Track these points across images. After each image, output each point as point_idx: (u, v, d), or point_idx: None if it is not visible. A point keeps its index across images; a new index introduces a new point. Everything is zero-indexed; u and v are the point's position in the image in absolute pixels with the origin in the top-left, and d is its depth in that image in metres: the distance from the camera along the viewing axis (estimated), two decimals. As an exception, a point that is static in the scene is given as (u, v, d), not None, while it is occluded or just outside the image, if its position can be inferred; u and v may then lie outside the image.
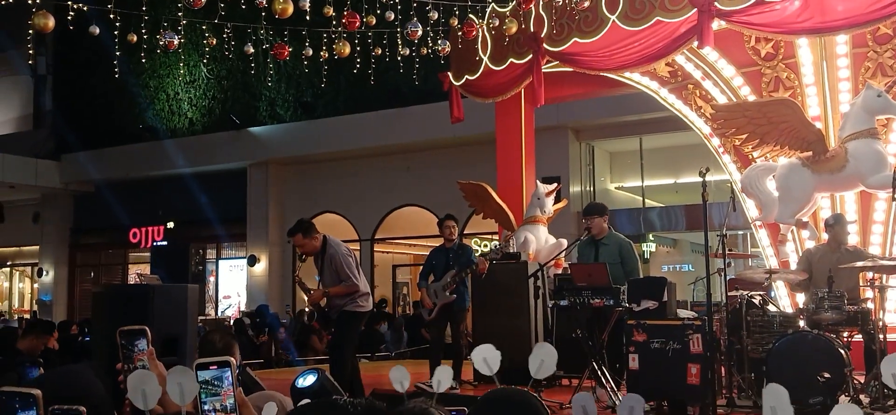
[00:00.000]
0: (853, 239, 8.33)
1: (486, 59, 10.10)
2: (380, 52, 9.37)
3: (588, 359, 6.92)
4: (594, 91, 12.05)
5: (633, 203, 16.28)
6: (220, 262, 21.57)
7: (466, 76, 10.38)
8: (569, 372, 8.17)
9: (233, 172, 19.48)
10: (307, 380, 5.32)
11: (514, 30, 9.49)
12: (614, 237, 8.04)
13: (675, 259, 17.56)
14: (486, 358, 3.93)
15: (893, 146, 8.38)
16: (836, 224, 7.65)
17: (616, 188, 16.77)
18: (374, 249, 18.11)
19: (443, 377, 3.13)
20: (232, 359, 1.88)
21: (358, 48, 9.22)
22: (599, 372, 6.80)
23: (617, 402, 6.39)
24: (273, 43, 9.14)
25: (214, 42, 9.18)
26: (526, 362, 3.00)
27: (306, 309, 8.17)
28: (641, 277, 8.09)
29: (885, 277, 7.55)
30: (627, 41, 8.92)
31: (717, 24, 8.21)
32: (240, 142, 19.09)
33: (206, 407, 1.76)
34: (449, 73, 10.63)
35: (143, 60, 20.41)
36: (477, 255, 8.40)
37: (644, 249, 16.01)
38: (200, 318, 17.89)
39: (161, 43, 7.78)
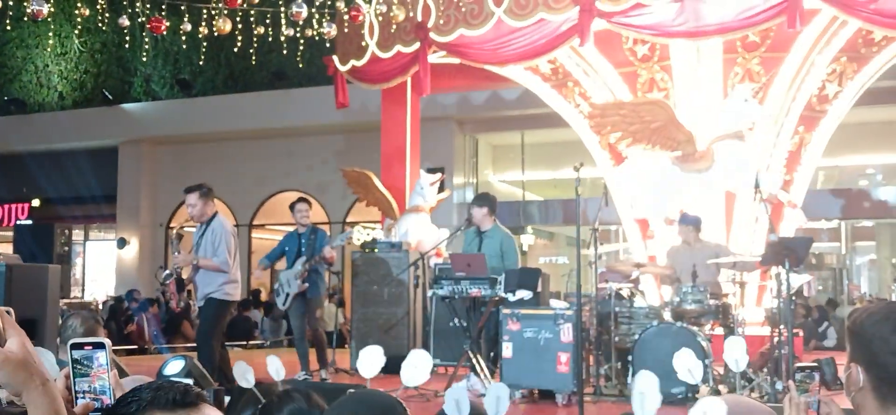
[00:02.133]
0: (718, 236, 8.76)
1: (372, 45, 10.02)
2: (263, 31, 9.13)
3: (465, 347, 6.98)
4: (479, 84, 12.20)
5: (513, 196, 16.56)
6: (89, 243, 20.58)
7: (352, 61, 10.27)
8: (445, 360, 8.23)
9: (104, 149, 18.57)
10: (174, 367, 5.11)
11: (401, 18, 9.48)
12: (497, 230, 8.13)
13: (552, 252, 18.00)
14: (369, 361, 3.89)
15: (757, 149, 8.85)
16: (684, 223, 7.99)
17: (498, 181, 17.02)
18: (252, 235, 17.69)
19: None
20: (107, 341, 1.77)
21: (240, 26, 8.96)
22: (474, 360, 6.87)
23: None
24: (149, 16, 8.73)
25: (87, 12, 8.71)
26: (403, 351, 2.99)
27: (162, 268, 7.76)
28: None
29: (745, 272, 7.98)
30: (512, 36, 9.07)
31: (597, 25, 8.45)
32: (112, 118, 18.21)
33: (76, 389, 1.66)
34: (334, 58, 10.49)
35: (10, 29, 19.24)
36: (336, 243, 8.16)
37: (523, 241, 16.32)
38: (65, 301, 17.00)
39: (29, 11, 7.27)
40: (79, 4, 8.56)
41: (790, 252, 6.33)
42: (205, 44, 9.70)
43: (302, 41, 9.18)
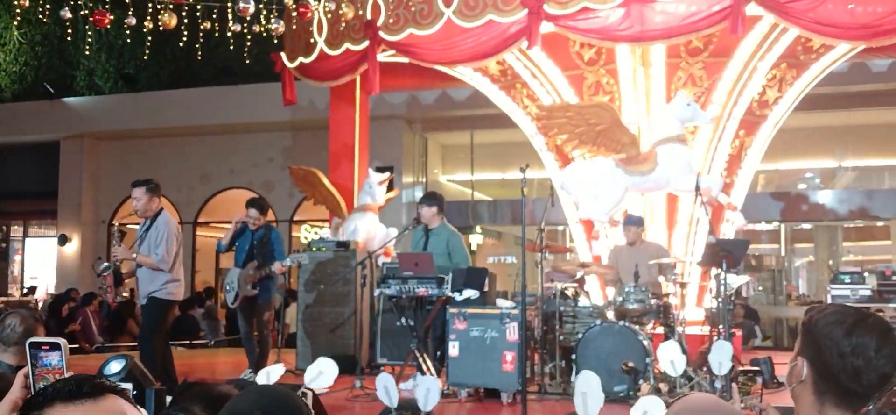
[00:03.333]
0: (660, 237, 8.94)
1: (321, 42, 9.96)
2: (209, 26, 9.01)
3: (411, 347, 7.00)
4: (429, 83, 12.23)
5: (462, 196, 16.62)
6: (28, 240, 20.04)
7: (300, 58, 10.20)
8: (392, 359, 8.25)
9: (44, 144, 18.09)
10: (115, 367, 5.03)
11: (350, 15, 9.48)
12: (444, 228, 8.16)
13: (500, 251, 18.12)
14: (322, 370, 3.87)
15: (699, 152, 9.05)
16: (630, 224, 8.16)
17: (447, 181, 17.07)
18: (197, 232, 17.43)
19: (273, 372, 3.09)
20: (62, 341, 1.77)
21: (185, 21, 8.83)
22: (420, 359, 6.90)
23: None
24: (93, 9, 8.56)
25: (27, 3, 8.49)
26: (350, 351, 3.00)
27: (100, 259, 7.60)
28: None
29: (686, 273, 8.17)
30: (461, 37, 9.11)
31: (545, 28, 8.55)
32: (53, 112, 17.75)
33: (36, 389, 1.67)
34: (282, 54, 10.41)
35: (-56, 18, 18.63)
36: (288, 262, 8.05)
37: (471, 240, 16.40)
38: (2, 299, 16.53)
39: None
40: (19, -6, 8.32)
41: (727, 254, 6.50)
42: (150, 38, 9.53)
43: (249, 37, 9.08)
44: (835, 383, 1.93)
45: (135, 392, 4.49)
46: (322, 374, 3.08)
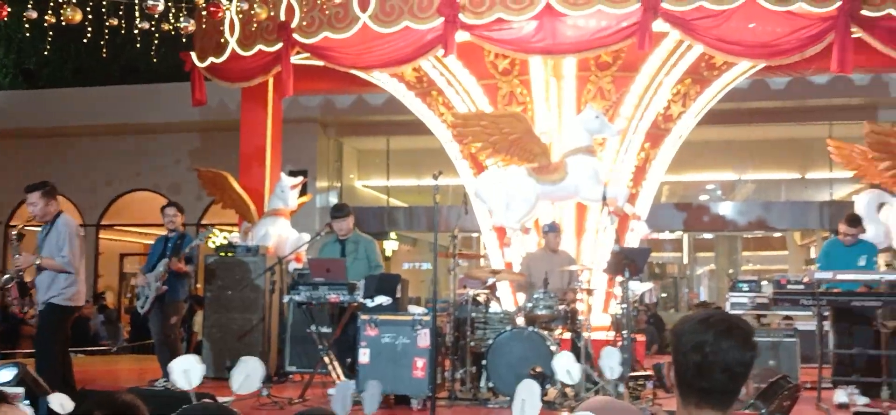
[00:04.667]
0: (569, 246, 9.13)
1: (233, 42, 9.77)
2: (116, 23, 8.73)
3: (321, 354, 6.94)
4: (344, 87, 12.15)
5: (378, 201, 16.58)
6: (-85, 242, 18.92)
7: (211, 58, 9.98)
8: (302, 367, 8.16)
9: (-64, 140, 17.16)
10: (6, 375, 4.81)
11: (263, 16, 9.30)
12: (359, 237, 8.12)
13: (415, 257, 18.17)
14: (249, 374, 3.79)
15: (606, 163, 9.28)
16: (550, 231, 8.33)
17: (362, 186, 17.00)
18: (100, 235, 16.82)
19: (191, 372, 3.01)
20: None
21: (90, 16, 8.52)
22: (331, 367, 6.84)
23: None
24: (-10, 0, 8.17)
25: (-84, -11, 8.03)
26: (256, 356, 2.95)
27: (1, 272, 7.26)
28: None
29: (593, 280, 8.35)
30: (377, 42, 9.09)
31: (460, 36, 8.62)
32: (-54, 107, 16.86)
33: None
34: (192, 54, 10.16)
35: None
36: (195, 244, 7.94)
37: (386, 247, 16.38)
38: None
39: None
40: None
41: (630, 262, 6.69)
42: (51, 33, 9.16)
43: (157, 36, 8.83)
44: (686, 382, 2.02)
45: (28, 401, 4.32)
46: (249, 377, 3.03)
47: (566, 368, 5.61)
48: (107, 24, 8.66)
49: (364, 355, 6.59)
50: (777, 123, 13.80)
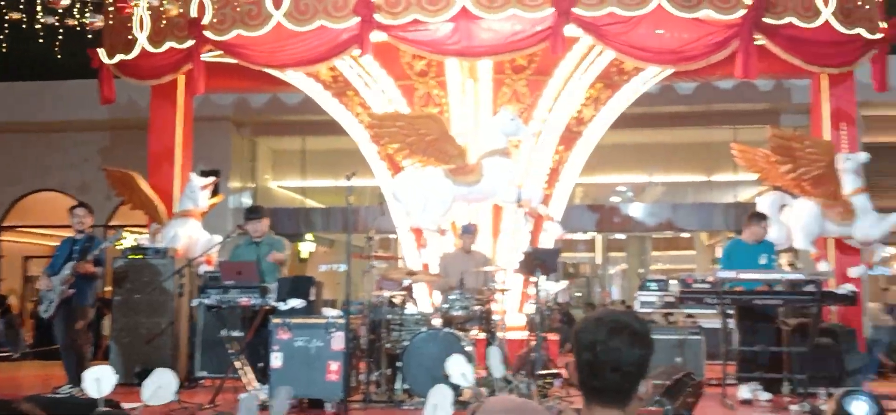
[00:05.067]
0: (486, 246, 9.21)
1: (142, 39, 9.48)
2: (17, 17, 8.37)
3: (232, 358, 6.80)
4: (259, 86, 11.92)
5: (293, 202, 16.37)
6: None
7: (120, 55, 9.67)
8: (213, 372, 7.98)
9: None
10: None
11: (174, 13, 9.08)
12: (275, 239, 7.99)
13: (332, 259, 17.99)
14: (162, 385, 3.65)
15: (521, 165, 9.39)
16: (466, 232, 8.38)
17: (277, 187, 16.74)
18: (3, 237, 16.09)
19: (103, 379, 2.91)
20: None
21: (-11, 9, 8.15)
22: (242, 371, 6.71)
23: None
24: None
25: None
26: (167, 363, 2.87)
27: None
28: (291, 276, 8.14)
29: (508, 281, 8.46)
30: (291, 41, 8.98)
31: (376, 36, 8.59)
32: None
33: None
34: (100, 50, 9.82)
35: None
36: (104, 246, 7.69)
37: (302, 248, 16.18)
38: None
39: None
40: None
41: (541, 262, 6.79)
42: (-55, 25, 8.71)
43: (61, 31, 8.51)
44: (584, 382, 2.06)
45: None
46: (161, 388, 2.93)
47: (461, 371, 5.71)
48: (7, 16, 8.30)
49: (276, 359, 6.48)
50: (684, 127, 14.24)
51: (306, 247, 16.36)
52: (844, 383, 7.20)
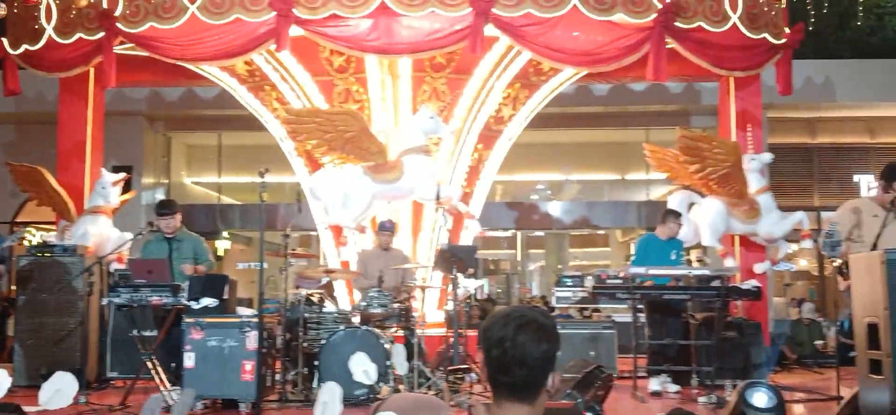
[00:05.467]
0: (406, 244, 9.23)
1: (49, 29, 9.13)
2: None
3: (143, 358, 6.63)
4: (173, 80, 11.65)
5: (209, 199, 16.02)
6: None
7: (25, 45, 9.30)
8: (124, 373, 7.78)
9: None
10: None
11: (83, 3, 8.81)
12: (188, 235, 7.83)
13: (250, 257, 17.67)
14: (60, 389, 3.54)
15: (441, 163, 9.45)
16: (385, 229, 8.38)
17: (192, 183, 16.37)
18: None
19: None
20: None
21: None
22: (154, 372, 6.55)
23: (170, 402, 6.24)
24: None
25: None
26: (76, 364, 2.79)
27: None
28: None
29: (429, 278, 8.51)
30: (206, 34, 8.81)
31: (294, 31, 8.51)
32: None
33: None
34: (3, 40, 9.43)
35: None
36: (7, 243, 7.42)
37: (218, 246, 15.86)
38: None
39: None
40: None
41: (458, 259, 6.85)
42: None
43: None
44: (493, 378, 2.10)
45: None
46: (60, 391, 2.84)
47: (363, 369, 5.76)
48: None
49: (189, 359, 6.36)
50: (599, 127, 14.54)
51: (222, 244, 16.05)
52: (749, 375, 7.51)
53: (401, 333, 7.52)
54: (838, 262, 5.74)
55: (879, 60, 13.56)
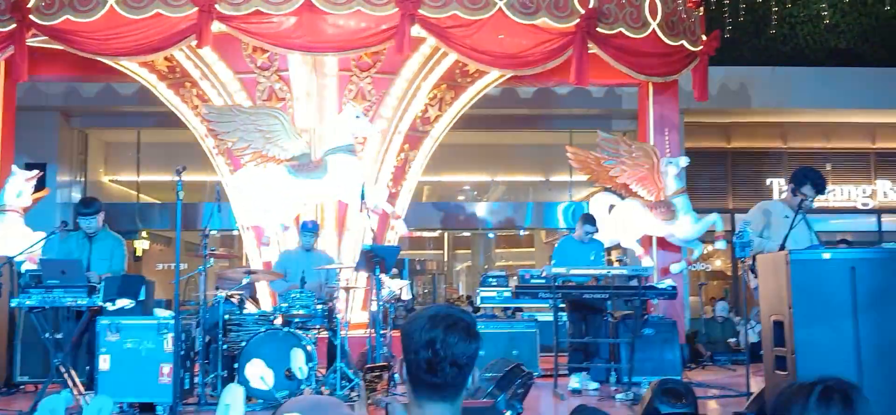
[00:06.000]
0: (331, 244, 9.16)
1: (-44, 20, 8.76)
2: None
3: (55, 362, 6.41)
4: (90, 75, 11.31)
5: (127, 197, 15.59)
6: None
7: (-72, 36, 8.88)
8: (35, 377, 7.51)
9: None
10: None
11: (-7, -8, 8.47)
12: (108, 235, 7.56)
13: (170, 258, 17.26)
14: None
15: (367, 163, 9.42)
16: (308, 230, 8.28)
17: (110, 181, 15.90)
18: None
19: None
20: None
21: None
22: (67, 375, 6.34)
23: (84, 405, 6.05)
24: None
25: None
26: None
27: None
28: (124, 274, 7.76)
29: (355, 278, 8.47)
30: (126, 28, 8.60)
31: (217, 27, 8.36)
32: None
33: None
34: None
35: None
36: None
37: (137, 246, 15.45)
38: None
39: None
40: None
41: (380, 259, 6.84)
42: None
43: None
44: (418, 379, 2.09)
45: None
46: None
47: (259, 374, 5.76)
48: None
49: (104, 362, 6.19)
50: (525, 129, 14.73)
51: (141, 244, 15.64)
52: (665, 373, 7.71)
53: (324, 334, 7.46)
54: (749, 261, 5.93)
55: (792, 68, 14.10)
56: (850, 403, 1.87)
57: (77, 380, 6.36)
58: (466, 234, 17.84)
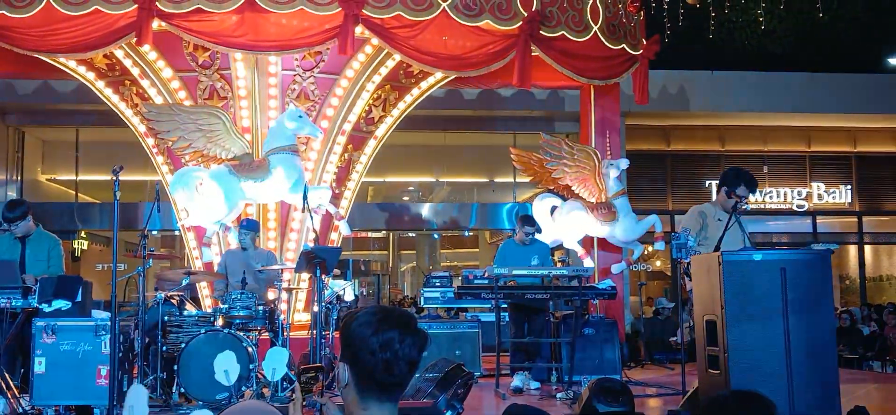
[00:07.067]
0: (271, 244, 9.10)
1: None
2: None
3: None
4: (26, 72, 11.00)
5: (66, 197, 15.24)
6: None
7: None
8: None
9: None
10: None
11: (-77, -14, 8.21)
12: (43, 235, 7.37)
13: (108, 258, 16.91)
14: None
15: (311, 163, 9.38)
16: (248, 229, 8.23)
17: (47, 180, 15.53)
18: None
19: None
20: None
21: None
22: (2, 379, 6.19)
23: (18, 410, 5.92)
24: None
25: None
26: None
27: None
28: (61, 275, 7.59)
29: (297, 279, 8.43)
30: (63, 25, 8.43)
31: (157, 25, 8.24)
32: None
33: None
34: None
35: None
36: None
37: (75, 246, 15.12)
38: None
39: None
40: None
41: (321, 260, 6.83)
42: None
43: None
44: (372, 379, 2.11)
45: None
46: None
47: (224, 369, 5.71)
48: None
49: (40, 365, 6.05)
50: (469, 130, 14.83)
51: (79, 245, 15.31)
52: (605, 371, 7.86)
53: (266, 335, 7.41)
54: (686, 263, 6.06)
55: (730, 72, 14.48)
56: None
57: (11, 383, 6.21)
58: (411, 234, 17.88)
